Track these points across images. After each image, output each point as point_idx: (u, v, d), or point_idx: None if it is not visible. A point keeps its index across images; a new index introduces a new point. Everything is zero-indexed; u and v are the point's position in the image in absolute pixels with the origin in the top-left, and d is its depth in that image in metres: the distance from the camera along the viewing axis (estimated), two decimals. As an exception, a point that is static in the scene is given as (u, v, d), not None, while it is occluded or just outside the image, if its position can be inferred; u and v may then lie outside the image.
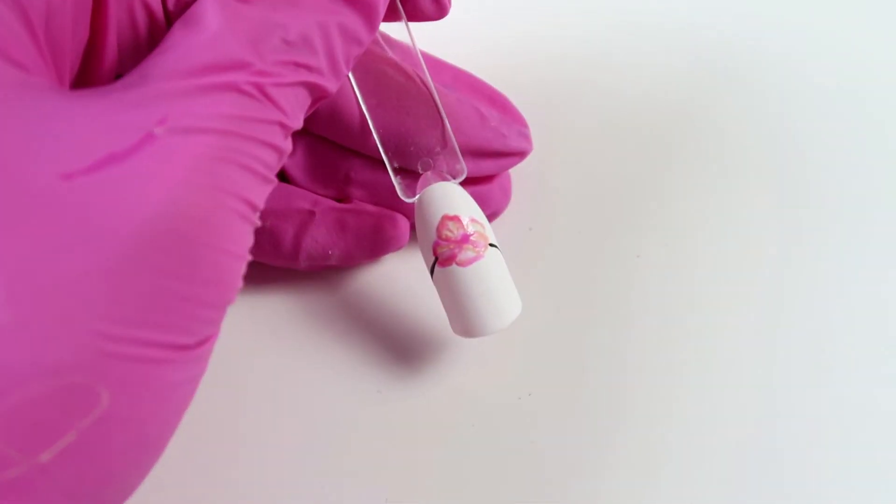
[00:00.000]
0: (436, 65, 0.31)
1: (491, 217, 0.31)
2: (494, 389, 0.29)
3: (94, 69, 0.23)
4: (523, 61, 0.35)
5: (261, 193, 0.21)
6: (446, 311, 0.28)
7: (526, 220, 0.32)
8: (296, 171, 0.30)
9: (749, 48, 0.36)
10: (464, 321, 0.27)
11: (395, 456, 0.28)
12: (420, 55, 0.29)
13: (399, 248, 0.31)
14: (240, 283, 0.21)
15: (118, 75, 0.24)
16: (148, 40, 0.24)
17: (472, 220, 0.28)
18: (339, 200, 0.30)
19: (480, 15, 0.36)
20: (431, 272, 0.28)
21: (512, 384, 0.29)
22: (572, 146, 0.34)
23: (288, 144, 0.22)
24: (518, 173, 0.32)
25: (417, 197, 0.29)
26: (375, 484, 0.28)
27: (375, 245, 0.30)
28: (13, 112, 0.19)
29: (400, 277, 0.31)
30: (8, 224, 0.18)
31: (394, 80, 0.29)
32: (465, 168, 0.29)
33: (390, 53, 0.30)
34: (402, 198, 0.29)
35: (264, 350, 0.30)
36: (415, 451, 0.29)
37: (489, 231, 0.28)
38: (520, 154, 0.31)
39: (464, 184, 0.29)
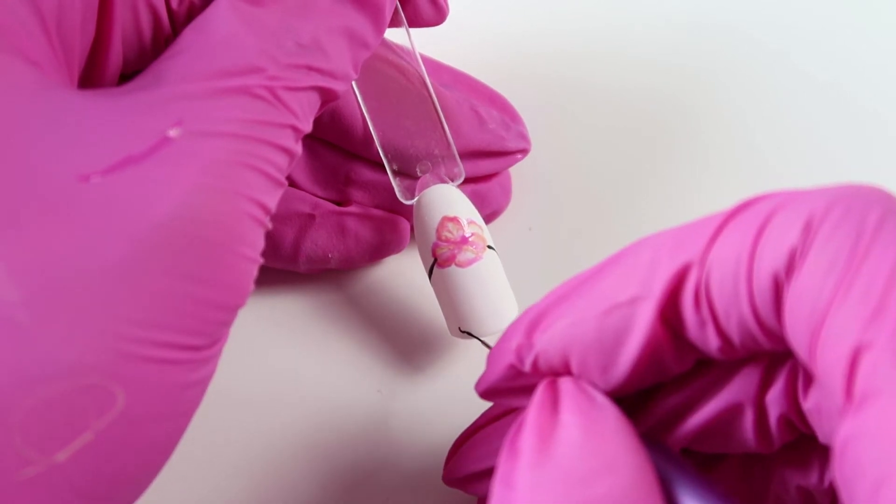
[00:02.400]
0: (435, 67, 0.32)
1: (491, 216, 0.31)
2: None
3: (99, 69, 0.23)
4: (522, 61, 0.35)
5: (273, 196, 0.22)
6: (444, 312, 0.28)
7: (526, 220, 0.32)
8: (296, 173, 0.30)
9: (750, 44, 0.36)
10: (462, 322, 0.28)
11: (394, 456, 0.28)
12: (420, 59, 0.29)
13: (399, 251, 0.31)
14: (251, 286, 0.21)
15: (122, 75, 0.24)
16: (152, 40, 0.24)
17: (471, 222, 0.28)
18: (339, 202, 0.30)
19: (479, 15, 0.36)
20: (430, 273, 0.28)
21: (512, 384, 0.30)
22: (572, 146, 0.34)
23: (298, 147, 0.22)
24: (518, 173, 0.32)
25: (416, 199, 0.29)
26: (375, 483, 0.28)
27: (376, 248, 0.30)
28: (31, 112, 0.20)
29: (400, 278, 0.31)
30: (25, 224, 0.18)
31: (394, 83, 0.29)
32: (463, 172, 0.29)
33: (391, 56, 0.30)
34: (401, 200, 0.29)
35: (263, 350, 0.30)
36: (414, 451, 0.29)
37: (486, 233, 0.29)
38: (519, 152, 0.31)
39: (463, 182, 0.30)
